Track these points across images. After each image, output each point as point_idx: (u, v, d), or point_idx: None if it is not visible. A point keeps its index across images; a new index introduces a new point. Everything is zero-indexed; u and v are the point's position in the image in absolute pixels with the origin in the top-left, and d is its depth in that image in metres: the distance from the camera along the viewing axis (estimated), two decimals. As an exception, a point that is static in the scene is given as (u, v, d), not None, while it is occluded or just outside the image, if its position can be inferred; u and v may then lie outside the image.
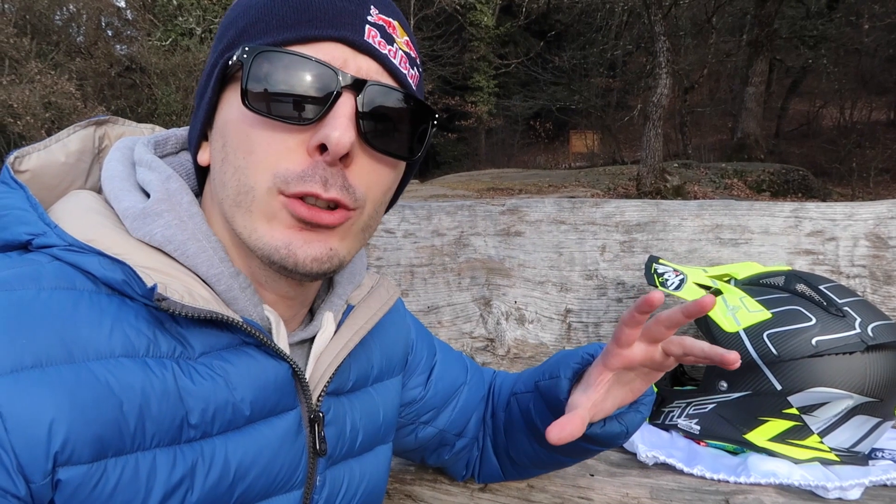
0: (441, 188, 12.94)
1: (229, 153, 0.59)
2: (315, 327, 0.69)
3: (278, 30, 0.57)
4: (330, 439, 0.69)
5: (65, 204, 0.62)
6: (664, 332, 0.69)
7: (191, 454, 0.56)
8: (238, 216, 0.59)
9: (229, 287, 0.60)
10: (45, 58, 14.27)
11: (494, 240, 1.57)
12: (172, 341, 0.56)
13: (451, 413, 0.95)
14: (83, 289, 0.54)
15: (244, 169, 0.58)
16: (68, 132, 0.67)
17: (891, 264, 1.40)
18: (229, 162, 0.59)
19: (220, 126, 0.61)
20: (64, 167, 0.65)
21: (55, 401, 0.48)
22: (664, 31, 11.41)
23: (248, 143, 0.57)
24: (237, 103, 0.57)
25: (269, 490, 0.62)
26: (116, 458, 0.51)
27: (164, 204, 0.60)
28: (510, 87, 22.50)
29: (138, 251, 0.57)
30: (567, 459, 0.94)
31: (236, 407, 0.59)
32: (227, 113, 0.60)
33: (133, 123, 0.73)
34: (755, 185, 12.48)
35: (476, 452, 1.01)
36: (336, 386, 0.70)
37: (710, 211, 1.50)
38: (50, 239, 0.55)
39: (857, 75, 17.93)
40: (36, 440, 0.47)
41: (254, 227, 0.58)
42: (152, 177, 0.62)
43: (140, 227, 0.59)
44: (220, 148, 0.60)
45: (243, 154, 0.58)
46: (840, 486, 0.99)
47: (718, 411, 1.14)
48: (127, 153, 0.66)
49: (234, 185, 0.58)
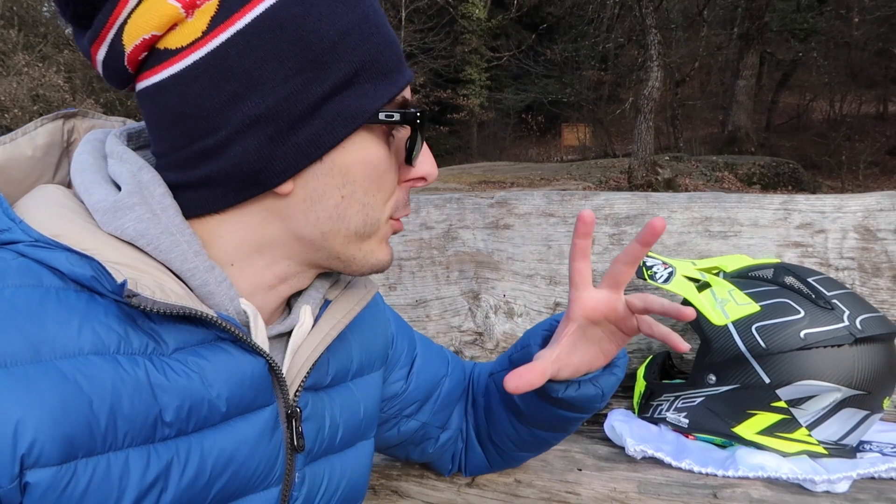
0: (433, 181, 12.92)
1: (356, 191, 0.62)
2: (292, 321, 0.68)
3: (392, 73, 0.60)
4: (308, 435, 0.68)
5: (31, 199, 0.60)
6: (624, 270, 0.75)
7: (165, 453, 0.54)
8: (354, 244, 0.65)
9: (204, 282, 0.59)
10: (33, 50, 14.13)
11: (483, 233, 1.56)
12: (144, 337, 0.55)
13: (433, 405, 0.95)
14: (50, 286, 0.52)
15: (372, 206, 0.64)
16: (35, 125, 0.64)
17: (879, 256, 1.40)
18: (356, 199, 0.62)
19: (342, 165, 0.60)
20: (31, 161, 0.63)
21: (21, 401, 0.46)
22: (655, 23, 11.42)
23: (380, 183, 0.63)
24: (376, 149, 0.62)
25: (246, 487, 0.61)
26: (87, 459, 0.50)
27: (135, 196, 0.58)
28: (502, 80, 22.48)
29: (108, 246, 0.55)
30: (549, 435, 0.94)
31: (212, 403, 0.57)
32: (357, 155, 0.61)
33: (103, 116, 0.71)
34: (746, 177, 12.53)
35: (461, 444, 1.01)
36: (314, 381, 0.69)
37: (700, 203, 1.49)
38: (15, 235, 0.53)
39: (847, 69, 17.99)
40: (1, 442, 0.45)
41: (370, 249, 0.66)
42: (123, 169, 0.60)
43: (111, 220, 0.57)
44: (338, 185, 0.61)
45: (374, 192, 0.63)
46: (828, 479, 0.99)
47: (707, 405, 1.13)
48: (98, 145, 0.64)
49: (360, 220, 0.63)
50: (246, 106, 0.56)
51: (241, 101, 0.55)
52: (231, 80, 0.55)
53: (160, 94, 0.57)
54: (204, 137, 0.57)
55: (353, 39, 0.57)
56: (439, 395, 0.95)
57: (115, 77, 0.59)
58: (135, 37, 0.55)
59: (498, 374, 0.94)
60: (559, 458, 1.12)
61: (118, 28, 0.55)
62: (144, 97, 0.59)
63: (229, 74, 0.55)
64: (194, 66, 0.55)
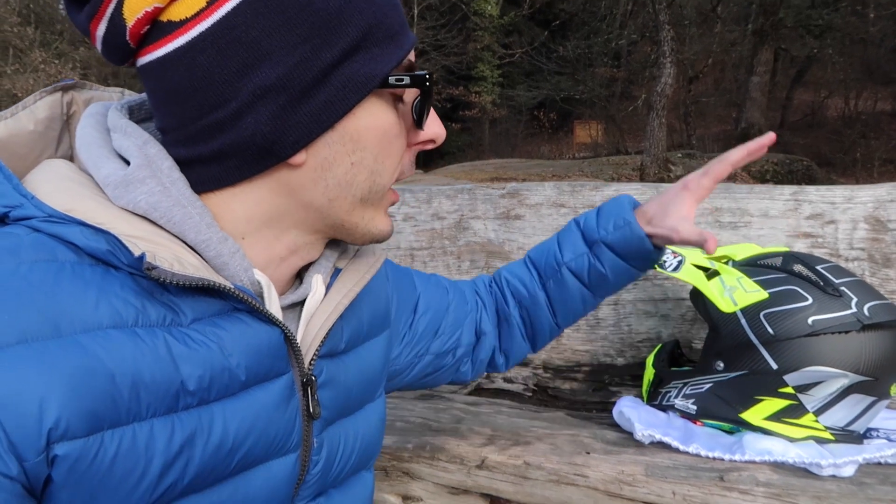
0: (444, 178, 12.91)
1: (366, 158, 0.62)
2: (305, 290, 0.69)
3: (399, 36, 0.60)
4: (325, 401, 0.69)
5: (40, 174, 0.59)
6: (724, 170, 0.91)
7: (189, 422, 0.55)
8: (358, 210, 0.65)
9: (219, 253, 0.59)
10: (49, 47, 14.26)
11: (494, 223, 1.57)
12: (162, 309, 0.55)
13: (442, 336, 0.98)
14: (65, 260, 0.52)
15: (381, 172, 0.64)
16: (34, 98, 0.64)
17: (889, 247, 1.40)
18: (364, 166, 0.62)
19: (353, 132, 0.60)
20: (33, 135, 0.63)
21: (44, 376, 0.47)
22: (668, 20, 11.36)
23: (390, 149, 0.64)
24: (385, 114, 0.62)
25: (266, 454, 0.63)
26: (113, 430, 0.51)
27: (145, 170, 0.58)
28: (514, 77, 22.40)
29: (122, 220, 0.56)
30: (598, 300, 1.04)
31: (232, 373, 0.58)
32: (368, 121, 0.61)
33: (100, 87, 0.70)
34: (759, 175, 12.43)
35: (482, 354, 1.04)
36: (329, 348, 0.70)
37: (711, 194, 1.50)
38: (28, 210, 0.54)
39: (863, 65, 17.81)
40: (27, 417, 0.46)
41: (371, 217, 0.67)
42: (129, 143, 0.60)
43: (122, 195, 0.57)
44: (348, 152, 0.61)
45: (383, 158, 0.63)
46: (834, 464, 1.00)
47: (715, 391, 1.14)
48: (100, 119, 0.64)
49: (367, 187, 0.64)
50: (256, 76, 0.55)
51: (251, 71, 0.55)
52: (240, 50, 0.54)
53: (166, 68, 0.56)
54: (214, 111, 0.56)
55: (358, 2, 0.57)
56: (445, 325, 0.98)
57: (116, 53, 0.58)
58: (136, 10, 0.54)
59: (575, 260, 0.99)
60: (568, 441, 1.14)
61: (118, 1, 0.54)
62: (148, 72, 0.58)
63: (237, 44, 0.54)
64: (200, 37, 0.54)
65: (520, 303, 1.04)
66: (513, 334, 1.05)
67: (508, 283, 1.05)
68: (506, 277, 1.06)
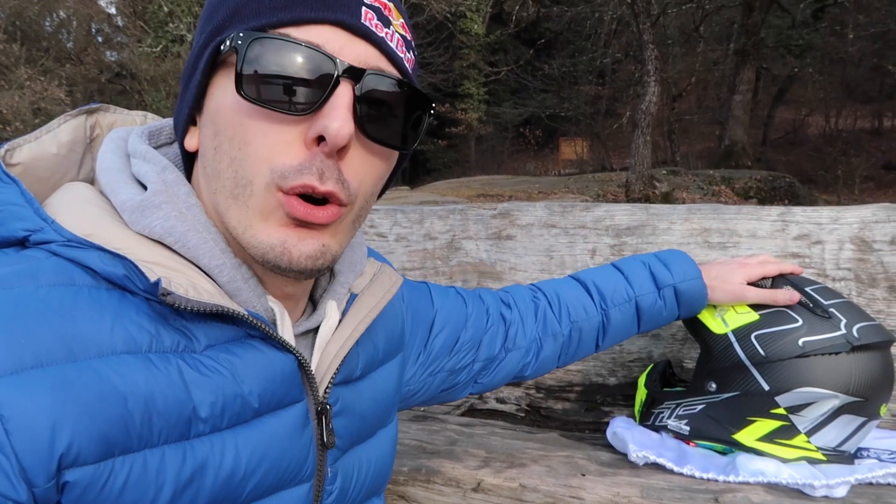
0: (431, 195, 12.96)
1: (223, 142, 0.58)
2: (319, 317, 0.68)
3: (272, 11, 0.55)
4: (339, 430, 0.68)
5: (60, 197, 0.60)
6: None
7: (201, 450, 0.55)
8: (233, 210, 0.58)
9: (232, 278, 0.60)
10: (35, 64, 14.20)
11: (486, 243, 1.58)
12: (176, 335, 0.56)
13: (459, 354, 0.97)
14: (82, 284, 0.53)
15: (241, 160, 0.57)
16: (59, 122, 0.65)
17: (875, 267, 1.42)
18: (224, 151, 0.58)
19: (212, 112, 0.59)
20: (56, 158, 0.64)
21: (58, 401, 0.47)
22: (652, 39, 11.50)
23: (244, 134, 0.56)
24: (231, 90, 0.56)
25: (278, 484, 0.62)
26: (124, 457, 0.50)
27: (161, 196, 0.59)
28: (500, 95, 22.59)
29: (139, 245, 0.56)
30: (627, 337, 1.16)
31: (244, 400, 0.58)
32: (219, 99, 0.58)
33: (124, 111, 0.72)
34: (742, 191, 12.57)
35: (507, 368, 1.05)
36: (344, 376, 0.69)
37: (699, 215, 1.52)
38: (47, 235, 0.54)
39: (842, 84, 18.14)
40: (39, 442, 0.46)
41: (249, 223, 0.58)
42: (148, 168, 0.61)
43: (139, 219, 0.58)
44: (211, 135, 0.59)
45: (239, 145, 0.57)
46: (827, 485, 1.00)
47: (707, 412, 1.15)
48: (121, 144, 0.65)
49: (230, 177, 0.57)
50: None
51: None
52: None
53: None
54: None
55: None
56: (463, 341, 0.98)
57: None
58: None
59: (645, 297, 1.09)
60: (563, 463, 1.14)
61: None
62: None
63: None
64: None
65: (574, 322, 1.07)
66: (550, 351, 1.08)
67: (567, 304, 1.08)
68: (562, 297, 1.09)
